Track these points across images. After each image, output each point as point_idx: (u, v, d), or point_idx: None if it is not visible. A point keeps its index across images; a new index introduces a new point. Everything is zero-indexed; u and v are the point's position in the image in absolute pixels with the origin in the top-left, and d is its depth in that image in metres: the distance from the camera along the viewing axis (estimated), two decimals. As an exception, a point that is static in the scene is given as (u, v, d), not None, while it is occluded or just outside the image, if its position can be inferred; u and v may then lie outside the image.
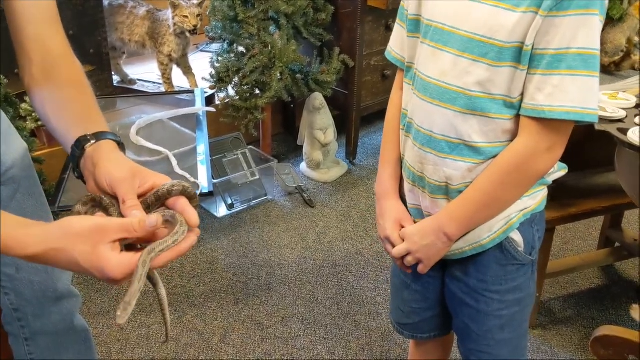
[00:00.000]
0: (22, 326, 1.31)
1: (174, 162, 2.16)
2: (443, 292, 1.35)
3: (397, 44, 1.26)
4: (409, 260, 1.23)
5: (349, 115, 3.10)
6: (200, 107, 2.51)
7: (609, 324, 1.84)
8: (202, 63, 3.17)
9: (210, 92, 2.95)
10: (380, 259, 2.49)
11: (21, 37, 0.99)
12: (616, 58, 4.15)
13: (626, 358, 1.75)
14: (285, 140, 3.44)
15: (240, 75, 2.77)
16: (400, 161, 1.28)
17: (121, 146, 0.94)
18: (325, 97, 2.97)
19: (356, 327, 2.13)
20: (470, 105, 1.09)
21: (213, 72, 2.83)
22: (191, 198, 0.86)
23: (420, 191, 1.22)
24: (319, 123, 2.97)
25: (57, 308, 1.33)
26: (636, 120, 1.56)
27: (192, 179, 2.09)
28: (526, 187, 1.16)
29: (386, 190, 1.29)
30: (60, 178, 2.06)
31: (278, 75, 2.76)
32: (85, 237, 0.75)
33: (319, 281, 2.36)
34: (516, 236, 1.20)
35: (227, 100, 2.84)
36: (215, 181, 2.65)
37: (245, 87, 2.80)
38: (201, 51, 3.62)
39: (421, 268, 1.23)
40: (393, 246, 1.25)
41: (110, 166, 0.86)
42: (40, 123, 2.44)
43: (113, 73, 3.01)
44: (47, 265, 0.79)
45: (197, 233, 0.84)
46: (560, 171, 1.24)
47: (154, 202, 0.85)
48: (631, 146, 1.46)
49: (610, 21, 4.00)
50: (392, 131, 1.28)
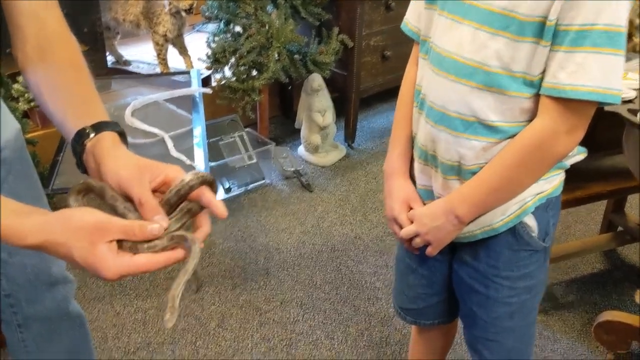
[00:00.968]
0: (15, 312, 1.28)
1: (170, 145, 2.11)
2: (450, 277, 1.31)
3: (414, 16, 1.20)
4: (417, 242, 1.19)
5: (348, 97, 3.05)
6: (196, 89, 2.45)
7: (612, 309, 1.81)
8: (198, 43, 3.10)
9: (206, 73, 2.89)
10: (379, 244, 2.46)
11: (14, 13, 0.94)
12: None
13: (629, 343, 1.73)
14: (282, 123, 3.38)
15: (237, 55, 2.71)
16: (411, 140, 1.23)
17: (123, 136, 0.88)
18: (323, 79, 2.92)
19: (355, 312, 2.11)
20: (487, 81, 1.04)
21: (209, 53, 2.77)
22: (211, 184, 0.82)
23: (432, 171, 1.18)
24: (317, 105, 2.92)
25: (51, 293, 1.29)
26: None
27: (188, 162, 2.04)
28: (543, 171, 1.11)
29: (395, 169, 1.24)
30: (53, 160, 2.01)
31: (275, 55, 2.70)
32: (84, 233, 0.72)
33: (318, 266, 2.33)
34: (530, 221, 1.16)
35: (224, 81, 2.78)
36: (212, 164, 2.61)
37: (242, 68, 2.74)
38: (197, 31, 3.54)
39: (429, 251, 1.19)
40: (400, 228, 1.21)
41: (114, 165, 0.81)
42: (33, 104, 2.39)
43: (107, 53, 2.94)
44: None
45: (205, 235, 0.84)
46: (579, 155, 1.18)
47: (177, 202, 0.80)
48: (641, 128, 1.42)
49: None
50: (405, 107, 1.23)
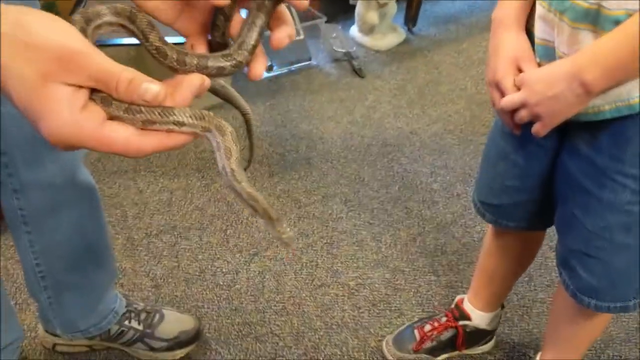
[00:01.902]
0: (10, 174, 1.04)
1: None
2: (550, 172, 1.02)
3: None
4: (523, 115, 0.89)
5: (414, -28, 2.62)
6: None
7: None
8: None
9: None
10: (439, 142, 2.15)
11: None
12: None
13: None
14: (334, 0, 2.98)
15: None
16: None
17: None
18: (389, -54, 2.49)
19: (407, 215, 1.85)
20: None
21: None
22: None
23: (556, 19, 0.86)
24: (379, -23, 2.51)
25: (54, 156, 1.04)
26: None
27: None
28: None
29: (507, 16, 0.92)
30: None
31: None
32: (39, 58, 0.41)
33: (366, 160, 2.05)
34: None
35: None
36: (253, 35, 2.27)
37: None
38: None
39: (537, 128, 0.90)
40: (502, 95, 0.91)
41: None
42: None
43: None
44: None
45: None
46: None
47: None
48: None
49: None
50: None
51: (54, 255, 1.14)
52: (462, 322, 1.39)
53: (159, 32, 0.50)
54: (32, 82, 0.41)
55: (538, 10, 0.90)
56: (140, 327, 1.35)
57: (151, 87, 0.43)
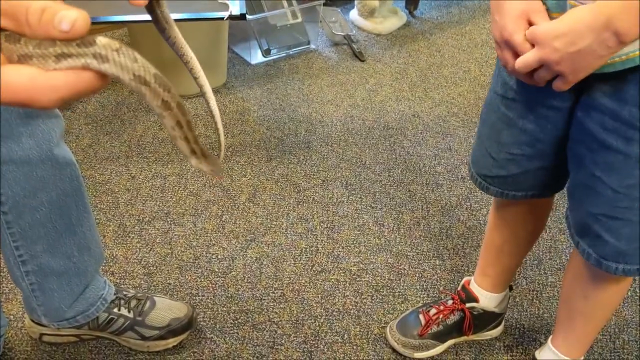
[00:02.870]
0: (-18, 148, 0.97)
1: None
2: (564, 135, 0.95)
3: None
4: (543, 75, 0.82)
5: (415, -48, 2.54)
6: None
7: None
8: None
9: None
10: (442, 124, 2.08)
11: None
12: None
13: None
14: (333, -16, 2.92)
15: None
16: None
17: None
18: None
19: (410, 198, 1.78)
20: None
21: None
22: None
23: None
24: (379, -42, 2.44)
25: (28, 129, 0.97)
26: None
27: (221, 0, 1.65)
28: None
29: None
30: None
31: None
32: None
33: (368, 144, 1.98)
34: None
35: None
36: (249, 17, 2.20)
37: None
38: None
39: (559, 84, 0.82)
40: (515, 54, 0.83)
41: None
42: None
43: None
44: None
45: None
46: None
47: None
48: None
49: None
50: None
51: (34, 237, 1.07)
52: (469, 305, 1.32)
53: None
54: None
55: None
56: (130, 315, 1.28)
57: (68, 14, 0.34)
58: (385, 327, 1.39)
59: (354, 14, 2.64)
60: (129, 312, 1.28)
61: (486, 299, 1.31)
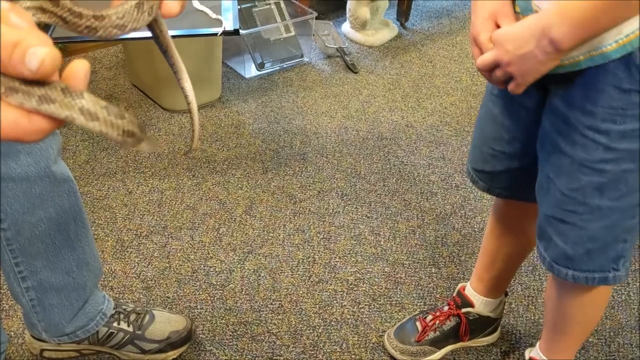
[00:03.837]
0: (-18, 167, 0.98)
1: (193, -4, 1.74)
2: (536, 135, 0.98)
3: None
4: (498, 75, 0.86)
5: (405, -36, 2.59)
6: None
7: None
8: None
9: None
10: (435, 134, 2.10)
11: None
12: None
13: None
14: (325, -2, 2.96)
15: None
16: None
17: None
18: (378, -61, 2.45)
19: (406, 207, 1.80)
20: None
21: None
22: None
23: None
24: (369, -29, 2.47)
25: (26, 146, 0.99)
26: None
27: (214, 16, 1.68)
28: None
29: None
30: None
31: None
32: None
33: (362, 154, 2.00)
34: None
35: None
36: (243, 32, 2.23)
37: None
38: None
39: (512, 87, 0.86)
40: (481, 52, 0.87)
41: None
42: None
43: None
44: None
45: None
46: None
47: None
48: None
49: None
50: None
51: (34, 253, 1.08)
52: (465, 310, 1.33)
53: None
54: None
55: None
56: (129, 329, 1.29)
57: (37, 52, 0.30)
58: (382, 336, 1.41)
59: (346, 27, 2.68)
60: (129, 326, 1.29)
61: (481, 304, 1.33)
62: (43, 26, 0.40)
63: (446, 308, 1.36)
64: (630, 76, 0.80)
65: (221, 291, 1.51)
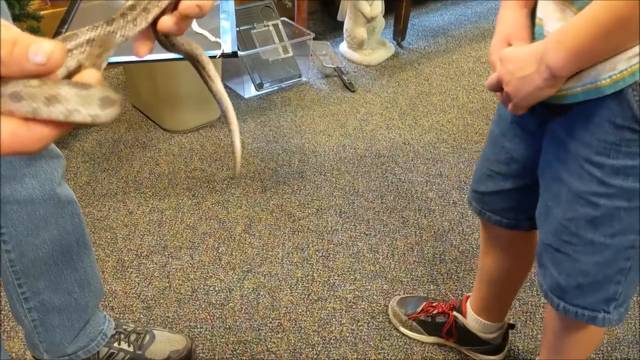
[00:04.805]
0: (-12, 191, 1.00)
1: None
2: (535, 161, 1.00)
3: None
4: (503, 94, 0.90)
5: (400, -15, 2.63)
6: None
7: None
8: None
9: (238, -49, 2.49)
10: (432, 151, 2.13)
11: None
12: None
13: None
14: (322, 19, 3.00)
15: None
16: None
17: None
18: (373, -39, 2.50)
19: (404, 224, 1.81)
20: None
21: None
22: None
23: None
24: (365, -8, 2.52)
25: (31, 170, 1.01)
26: None
27: (213, 38, 1.71)
28: None
29: None
30: (56, 33, 1.72)
31: None
32: None
33: (360, 172, 2.02)
34: None
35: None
36: (242, 53, 2.27)
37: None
38: None
39: (510, 107, 0.89)
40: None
41: None
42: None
43: None
44: None
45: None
46: None
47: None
48: None
49: None
50: None
51: (37, 274, 1.10)
52: (456, 313, 1.40)
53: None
54: None
55: None
56: (130, 349, 1.30)
57: (43, 46, 0.31)
58: (381, 354, 1.41)
59: (344, 47, 2.72)
60: (129, 346, 1.30)
61: (472, 320, 1.35)
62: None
63: (446, 305, 1.44)
64: (622, 113, 0.81)
65: (221, 310, 1.52)
